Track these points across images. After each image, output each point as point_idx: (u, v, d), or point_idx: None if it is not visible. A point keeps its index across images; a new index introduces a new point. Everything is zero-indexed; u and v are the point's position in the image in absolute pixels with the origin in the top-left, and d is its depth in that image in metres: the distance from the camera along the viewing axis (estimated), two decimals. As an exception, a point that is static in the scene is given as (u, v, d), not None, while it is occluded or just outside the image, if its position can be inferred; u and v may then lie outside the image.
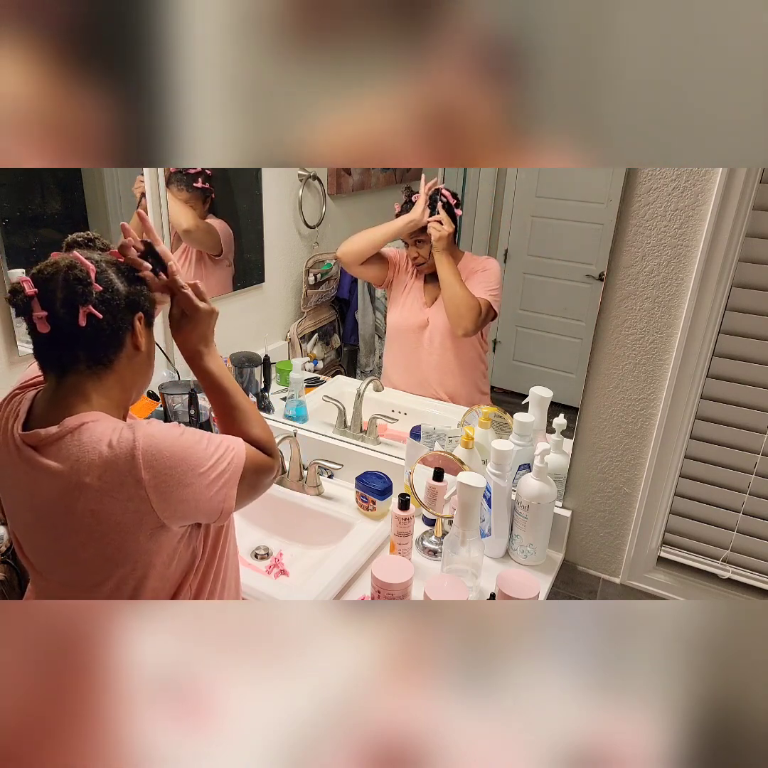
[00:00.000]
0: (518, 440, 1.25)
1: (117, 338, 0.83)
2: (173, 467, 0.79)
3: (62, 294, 0.77)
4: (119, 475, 0.77)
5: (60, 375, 0.83)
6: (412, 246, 1.54)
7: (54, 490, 0.79)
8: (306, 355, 1.85)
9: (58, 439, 0.79)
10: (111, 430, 0.79)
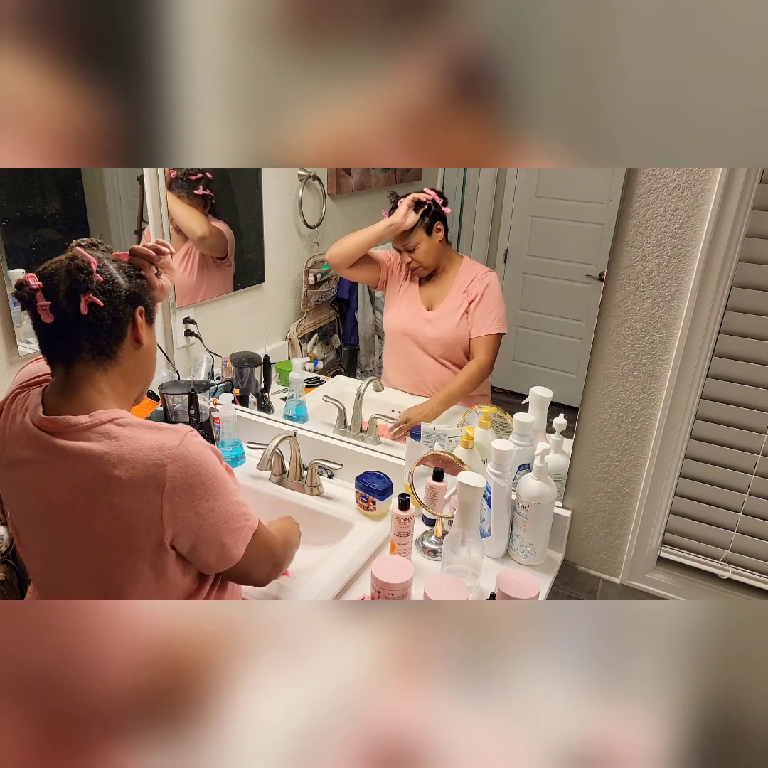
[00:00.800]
0: (518, 440, 1.25)
1: (118, 329, 0.85)
2: (194, 487, 0.80)
3: (65, 285, 0.80)
4: (145, 476, 0.78)
5: (67, 366, 0.84)
6: (404, 252, 1.54)
7: (78, 477, 0.80)
8: (306, 355, 1.85)
9: (89, 428, 0.81)
10: (149, 427, 0.82)
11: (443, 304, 1.54)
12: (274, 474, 1.48)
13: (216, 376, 1.73)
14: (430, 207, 1.48)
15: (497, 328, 1.49)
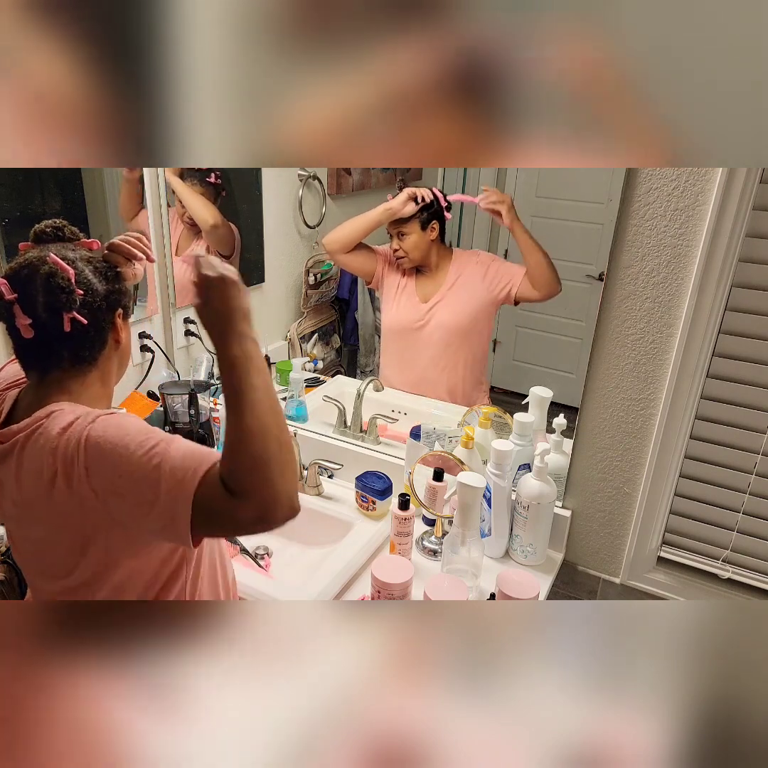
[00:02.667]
0: (518, 440, 1.25)
1: (100, 338, 0.84)
2: (108, 453, 0.73)
3: (43, 299, 0.77)
4: (71, 456, 0.74)
5: (43, 373, 0.82)
6: (395, 237, 1.54)
7: (31, 481, 0.78)
8: (306, 355, 1.85)
9: (32, 432, 0.77)
10: (73, 415, 0.77)
11: (442, 293, 1.55)
12: (274, 474, 1.48)
13: (216, 376, 1.72)
14: (432, 204, 1.49)
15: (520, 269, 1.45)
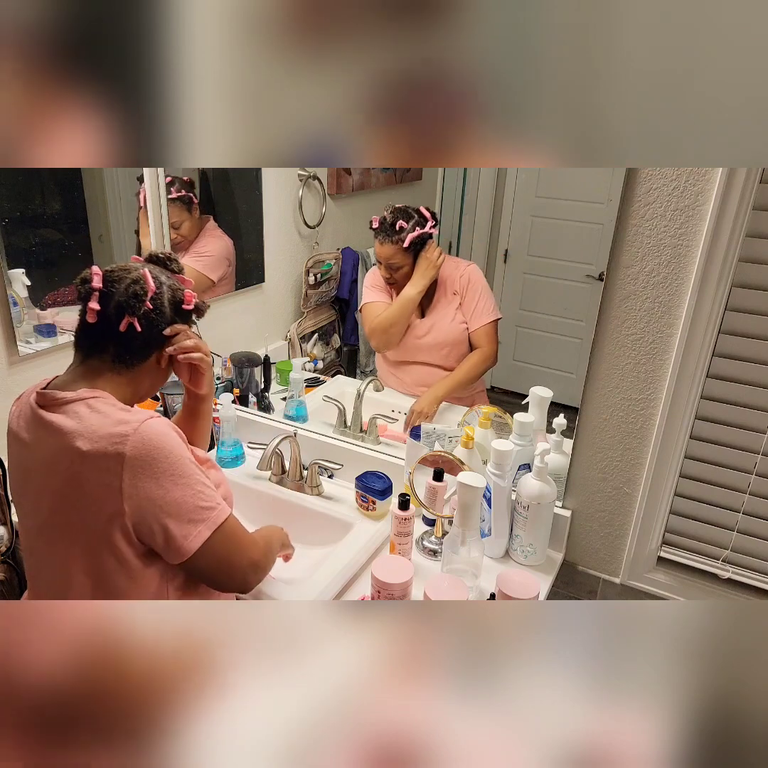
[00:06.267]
0: (518, 440, 1.25)
1: (145, 351, 0.92)
2: (156, 460, 0.81)
3: (118, 297, 0.88)
4: (107, 444, 0.80)
5: (85, 357, 0.90)
6: (386, 268, 1.54)
7: (49, 447, 0.83)
8: (306, 355, 1.85)
9: (68, 403, 0.85)
10: (122, 409, 0.85)
11: (435, 310, 1.55)
12: (274, 474, 1.48)
13: (216, 376, 1.72)
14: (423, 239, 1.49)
15: (489, 316, 1.51)
